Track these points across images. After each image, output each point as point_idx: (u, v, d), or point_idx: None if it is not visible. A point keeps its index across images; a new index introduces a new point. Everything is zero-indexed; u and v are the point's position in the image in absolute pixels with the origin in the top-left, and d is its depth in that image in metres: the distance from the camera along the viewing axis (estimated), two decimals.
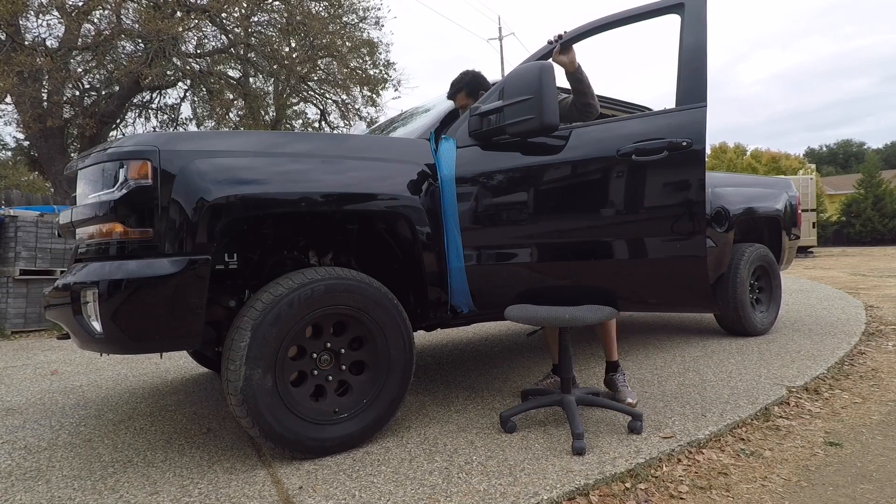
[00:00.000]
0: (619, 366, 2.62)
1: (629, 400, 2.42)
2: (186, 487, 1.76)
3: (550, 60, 2.26)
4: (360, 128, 13.41)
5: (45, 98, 9.46)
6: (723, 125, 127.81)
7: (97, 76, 10.94)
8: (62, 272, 2.28)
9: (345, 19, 12.35)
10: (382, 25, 13.61)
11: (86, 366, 3.87)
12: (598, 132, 2.15)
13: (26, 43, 8.95)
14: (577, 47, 2.34)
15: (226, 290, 2.19)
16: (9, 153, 15.63)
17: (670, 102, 2.06)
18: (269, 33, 11.64)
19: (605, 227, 2.10)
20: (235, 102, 12.14)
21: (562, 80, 2.35)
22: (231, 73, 12.51)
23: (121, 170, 1.76)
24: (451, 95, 2.71)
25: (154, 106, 12.37)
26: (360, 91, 13.10)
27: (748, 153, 35.50)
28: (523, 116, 2.10)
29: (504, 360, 3.53)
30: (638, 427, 2.09)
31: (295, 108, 14.60)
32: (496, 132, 2.24)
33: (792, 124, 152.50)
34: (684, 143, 1.92)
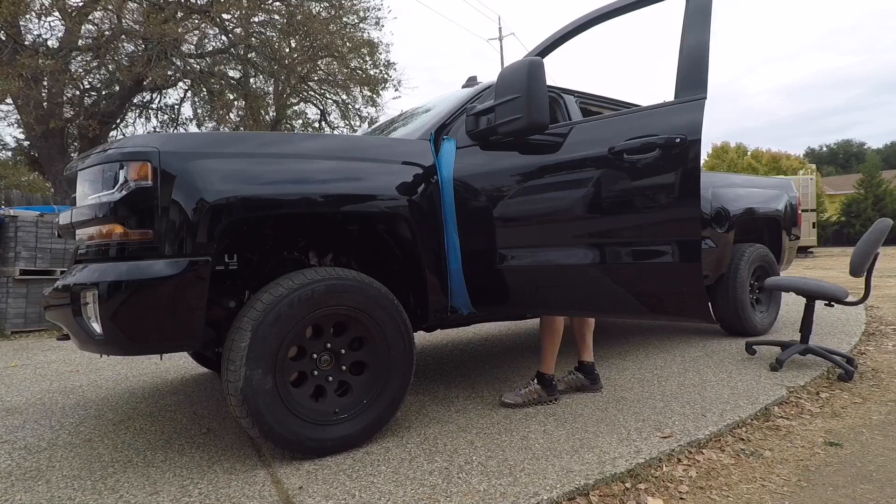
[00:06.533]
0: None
1: (505, 399, 2.49)
2: (186, 487, 1.76)
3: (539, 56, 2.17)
4: (364, 131, 13.41)
5: (45, 99, 9.46)
6: (727, 129, 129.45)
7: (98, 76, 10.94)
8: (62, 272, 2.28)
9: (345, 20, 12.35)
10: (382, 26, 13.63)
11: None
12: (592, 130, 2.08)
13: (27, 44, 8.95)
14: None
15: (226, 290, 2.20)
16: (9, 153, 15.63)
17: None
18: (270, 34, 11.64)
19: (596, 229, 2.02)
20: (236, 103, 12.14)
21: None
22: (231, 73, 12.51)
23: (121, 171, 1.76)
24: None
25: (154, 106, 12.39)
26: (361, 91, 13.11)
27: (749, 153, 35.46)
28: (512, 116, 2.05)
29: (504, 360, 3.53)
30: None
31: (295, 108, 14.61)
32: (490, 132, 2.21)
33: (794, 130, 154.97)
34: (678, 140, 1.81)
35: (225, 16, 10.57)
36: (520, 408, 2.47)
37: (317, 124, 13.94)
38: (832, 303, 3.09)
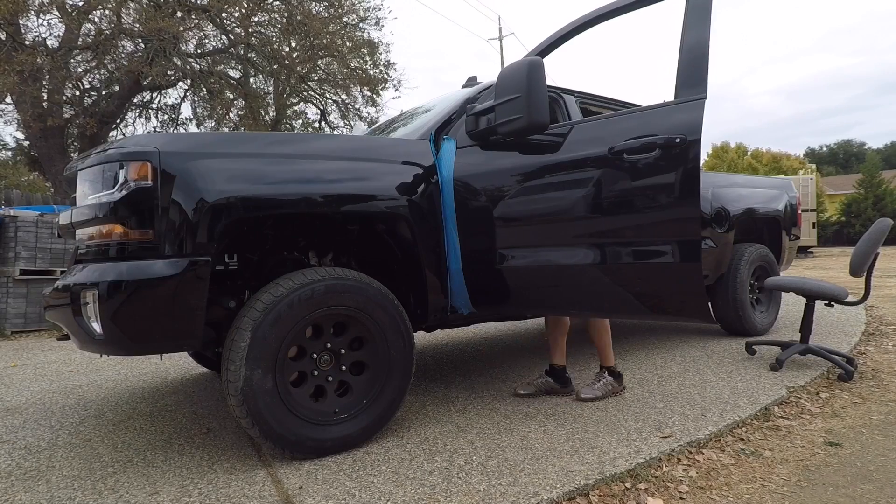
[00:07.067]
0: (608, 370, 2.66)
1: (583, 395, 2.53)
2: (186, 487, 1.76)
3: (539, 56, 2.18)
4: (360, 128, 13.42)
5: (45, 98, 9.46)
6: (728, 129, 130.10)
7: (97, 76, 10.94)
8: (62, 272, 2.28)
9: (345, 19, 12.35)
10: (383, 26, 13.63)
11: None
12: (592, 130, 2.08)
13: (27, 42, 8.95)
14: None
15: (226, 290, 2.20)
16: (9, 153, 15.63)
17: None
18: (270, 33, 11.63)
19: (596, 229, 2.01)
20: (236, 102, 12.13)
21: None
22: (231, 72, 12.50)
23: (121, 171, 1.76)
24: None
25: (154, 106, 12.38)
26: (360, 91, 13.10)
27: (749, 153, 35.46)
28: (512, 115, 2.06)
29: (504, 360, 3.53)
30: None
31: (295, 108, 14.60)
32: (490, 132, 2.21)
33: (794, 130, 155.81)
34: (678, 140, 1.81)
35: (224, 15, 10.57)
36: (600, 400, 2.53)
37: (317, 124, 13.93)
38: (832, 303, 3.09)
